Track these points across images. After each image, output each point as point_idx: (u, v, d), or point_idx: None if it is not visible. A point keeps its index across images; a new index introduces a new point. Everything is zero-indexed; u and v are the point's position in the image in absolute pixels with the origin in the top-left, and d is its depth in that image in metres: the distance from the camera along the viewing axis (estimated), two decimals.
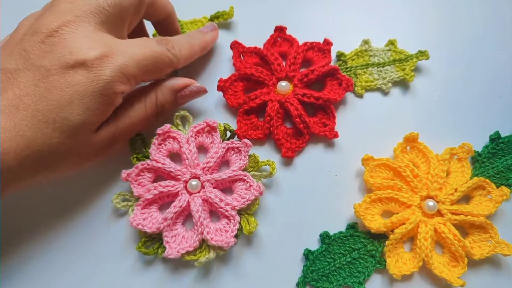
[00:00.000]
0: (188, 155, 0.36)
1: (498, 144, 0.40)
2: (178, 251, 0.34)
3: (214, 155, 0.37)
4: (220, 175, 0.36)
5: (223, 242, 0.33)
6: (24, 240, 0.37)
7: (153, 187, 0.35)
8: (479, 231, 0.36)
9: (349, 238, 0.37)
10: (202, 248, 0.35)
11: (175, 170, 0.36)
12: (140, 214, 0.35)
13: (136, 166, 0.36)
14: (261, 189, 0.35)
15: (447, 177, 0.38)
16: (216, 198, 0.35)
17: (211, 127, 0.38)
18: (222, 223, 0.36)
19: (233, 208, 0.35)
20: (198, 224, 0.34)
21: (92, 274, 0.36)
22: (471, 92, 0.42)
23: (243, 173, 0.36)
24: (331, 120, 0.39)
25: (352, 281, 0.35)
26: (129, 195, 0.37)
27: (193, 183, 0.36)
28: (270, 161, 0.37)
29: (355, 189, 0.39)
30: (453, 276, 0.34)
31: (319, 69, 0.40)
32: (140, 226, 0.34)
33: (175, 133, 0.37)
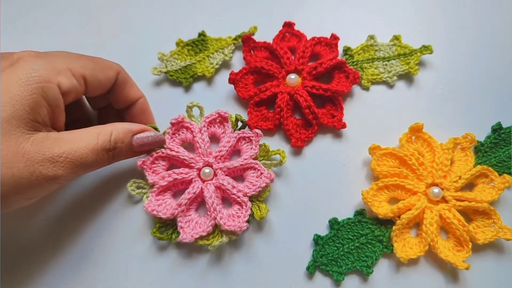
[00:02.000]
0: (201, 143, 0.37)
1: (500, 135, 0.41)
2: (192, 235, 0.35)
3: (226, 144, 0.38)
4: (232, 163, 0.37)
5: (236, 226, 0.35)
6: (42, 228, 0.38)
7: (168, 174, 0.37)
8: (482, 217, 0.38)
9: (357, 224, 0.38)
10: (214, 233, 0.36)
11: (189, 158, 0.37)
12: (154, 200, 0.36)
13: (150, 154, 0.37)
14: (272, 176, 0.37)
15: (451, 166, 0.39)
16: (229, 185, 0.36)
17: (223, 118, 0.39)
18: (234, 209, 0.37)
19: (245, 195, 0.36)
20: (211, 210, 0.35)
21: (108, 259, 0.37)
22: (474, 85, 0.43)
23: (254, 162, 0.37)
24: (339, 111, 0.41)
25: (360, 265, 0.37)
26: (143, 183, 0.38)
27: (206, 170, 0.37)
28: (280, 150, 0.38)
29: (362, 178, 0.40)
30: (458, 260, 0.36)
31: (327, 62, 0.41)
32: (155, 212, 0.35)
33: (188, 123, 0.38)
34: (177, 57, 0.43)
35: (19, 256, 0.37)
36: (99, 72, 0.34)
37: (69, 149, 0.30)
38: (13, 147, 0.28)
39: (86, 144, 0.31)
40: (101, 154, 0.32)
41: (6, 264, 0.37)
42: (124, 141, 0.34)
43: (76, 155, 0.30)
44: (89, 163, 0.31)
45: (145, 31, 0.46)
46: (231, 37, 0.44)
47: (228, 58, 0.44)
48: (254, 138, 0.38)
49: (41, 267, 0.37)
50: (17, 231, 0.38)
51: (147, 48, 0.44)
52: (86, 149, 0.31)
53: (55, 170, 0.29)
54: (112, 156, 0.33)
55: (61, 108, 0.32)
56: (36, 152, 0.29)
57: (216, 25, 0.46)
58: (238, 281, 0.37)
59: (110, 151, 0.33)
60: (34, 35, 0.46)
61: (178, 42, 0.44)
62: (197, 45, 0.44)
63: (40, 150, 0.29)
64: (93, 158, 0.31)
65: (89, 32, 0.46)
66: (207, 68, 0.43)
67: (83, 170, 0.32)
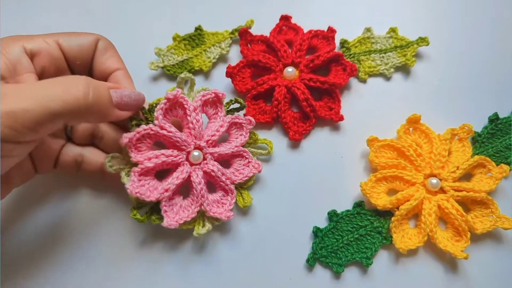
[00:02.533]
0: (195, 124, 0.35)
1: (497, 125, 0.41)
2: (177, 221, 0.33)
3: (219, 129, 0.36)
4: (223, 150, 0.36)
5: (223, 215, 0.34)
6: (42, 227, 0.38)
7: (155, 155, 0.33)
8: (480, 206, 0.38)
9: (356, 216, 0.38)
10: (197, 218, 0.35)
11: (182, 140, 0.34)
12: (137, 181, 0.33)
13: (137, 131, 0.33)
14: (260, 167, 0.37)
15: (449, 156, 0.39)
16: (219, 171, 0.35)
17: (218, 99, 0.36)
18: (218, 195, 0.36)
19: (232, 182, 0.36)
20: (199, 196, 0.34)
21: (102, 256, 0.37)
22: (470, 76, 0.43)
23: (243, 149, 0.37)
24: (336, 103, 0.41)
25: (360, 256, 0.37)
26: (120, 158, 0.34)
27: (195, 153, 0.35)
28: (267, 140, 0.38)
29: (360, 170, 0.40)
30: (457, 250, 0.36)
31: (324, 54, 0.41)
32: (139, 195, 0.33)
33: (183, 99, 0.34)
34: (174, 51, 0.43)
35: (18, 257, 0.37)
36: (75, 36, 0.33)
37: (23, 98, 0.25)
38: None
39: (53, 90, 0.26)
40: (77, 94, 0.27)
41: (6, 264, 0.37)
42: (101, 92, 0.29)
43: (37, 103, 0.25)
44: (58, 110, 0.26)
45: (142, 26, 0.46)
46: (227, 31, 0.44)
47: (225, 52, 0.43)
48: (245, 125, 0.37)
49: (41, 267, 0.37)
50: (17, 231, 0.38)
51: (143, 43, 0.44)
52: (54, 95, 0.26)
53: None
54: (88, 107, 0.27)
55: (23, 66, 0.30)
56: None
57: (213, 19, 0.45)
58: (238, 275, 0.37)
59: (87, 96, 0.27)
60: (29, 29, 0.46)
61: (175, 37, 0.44)
62: (194, 39, 0.44)
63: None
64: (66, 101, 0.26)
65: (85, 27, 0.45)
66: (204, 62, 0.43)
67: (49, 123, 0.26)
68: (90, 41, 0.34)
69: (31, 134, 0.25)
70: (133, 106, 0.32)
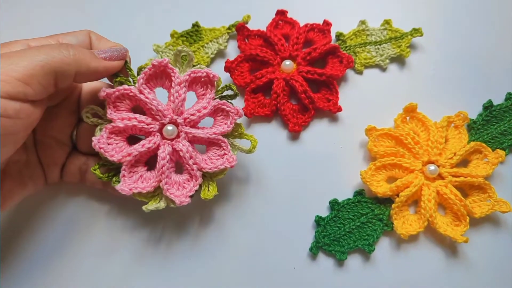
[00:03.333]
0: (176, 98, 0.33)
1: (491, 112, 0.42)
2: (131, 189, 0.32)
3: (201, 110, 0.34)
4: (200, 133, 0.34)
5: (178, 198, 0.33)
6: (42, 227, 0.38)
7: (128, 117, 0.33)
8: (478, 191, 0.39)
9: (357, 204, 0.39)
10: (155, 193, 0.34)
11: (157, 109, 0.33)
12: (106, 138, 0.33)
13: (118, 89, 0.33)
14: (234, 161, 0.34)
15: (446, 143, 0.40)
16: (187, 153, 0.33)
17: (210, 80, 0.35)
18: (182, 177, 0.35)
19: (199, 169, 0.34)
20: (159, 172, 0.33)
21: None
22: (464, 65, 0.44)
23: (222, 139, 0.35)
24: (334, 95, 0.42)
25: (362, 243, 0.37)
26: (102, 113, 0.34)
27: (169, 128, 0.34)
28: (252, 137, 0.36)
29: (359, 159, 0.41)
30: (456, 234, 0.36)
31: (321, 47, 0.42)
32: (102, 151, 0.32)
33: (171, 70, 0.33)
34: (172, 48, 0.44)
35: (19, 257, 0.37)
36: (72, 35, 0.34)
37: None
38: None
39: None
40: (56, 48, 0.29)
41: (6, 264, 0.37)
42: (82, 49, 0.31)
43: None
44: (43, 61, 0.27)
45: (139, 24, 0.46)
46: (224, 27, 0.45)
47: (223, 47, 0.44)
48: (232, 115, 0.35)
49: (41, 267, 0.37)
50: (17, 232, 0.38)
51: (141, 40, 0.45)
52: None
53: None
54: (71, 58, 0.29)
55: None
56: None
57: (210, 15, 0.46)
58: (241, 265, 0.37)
59: (65, 47, 0.29)
60: (26, 28, 0.46)
61: (173, 34, 0.44)
62: (192, 35, 0.44)
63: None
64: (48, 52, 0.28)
65: (83, 26, 0.46)
66: (202, 58, 0.43)
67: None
68: (84, 35, 0.35)
69: (24, 87, 0.26)
70: (117, 55, 0.33)
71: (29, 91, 0.27)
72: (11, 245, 0.37)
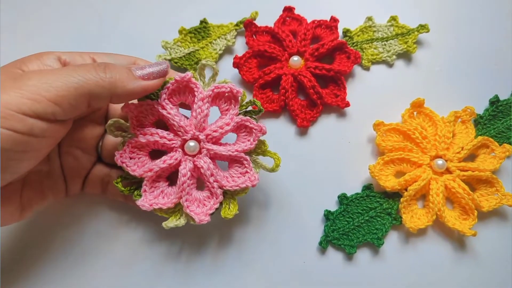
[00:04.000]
0: (198, 114, 0.33)
1: (497, 107, 0.42)
2: (151, 204, 0.32)
3: (224, 127, 0.34)
4: (222, 151, 0.33)
5: (197, 216, 0.32)
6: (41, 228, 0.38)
7: (150, 132, 0.33)
8: (486, 185, 0.39)
9: (366, 198, 0.39)
10: (175, 209, 0.34)
11: (179, 125, 0.33)
12: (128, 152, 0.33)
13: (141, 103, 0.33)
14: (256, 180, 0.33)
15: (453, 138, 0.40)
16: (208, 171, 0.33)
17: (233, 95, 0.34)
18: (203, 194, 0.34)
19: (220, 187, 0.33)
20: (180, 188, 0.33)
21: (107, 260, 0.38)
22: (470, 60, 0.45)
23: (244, 157, 0.34)
24: (342, 90, 0.42)
25: (371, 237, 0.37)
26: (125, 126, 0.33)
27: (191, 144, 0.33)
28: (276, 155, 0.35)
29: (367, 154, 0.41)
30: (465, 227, 0.37)
31: (329, 43, 0.42)
32: (124, 165, 0.33)
33: (194, 85, 0.33)
34: (180, 44, 0.44)
35: (19, 258, 0.37)
36: (111, 56, 0.34)
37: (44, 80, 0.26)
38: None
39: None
40: (91, 70, 0.28)
41: (7, 264, 0.37)
42: (119, 68, 0.29)
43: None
44: (78, 83, 0.26)
45: (148, 20, 0.46)
46: (232, 23, 0.45)
47: (231, 43, 0.44)
48: (255, 132, 0.34)
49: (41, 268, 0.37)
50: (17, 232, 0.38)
51: (149, 36, 0.45)
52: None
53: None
54: (107, 81, 0.28)
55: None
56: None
57: (217, 12, 0.46)
58: (252, 259, 0.37)
59: (101, 69, 0.28)
60: (34, 26, 0.47)
61: (181, 30, 0.44)
62: (200, 32, 0.45)
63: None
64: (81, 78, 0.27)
65: (92, 22, 0.46)
66: (210, 54, 0.44)
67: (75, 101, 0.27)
68: (123, 60, 0.34)
69: (55, 109, 0.26)
70: (157, 72, 0.31)
71: (59, 112, 0.26)
72: (29, 255, 0.37)
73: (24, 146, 0.26)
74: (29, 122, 0.25)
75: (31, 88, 0.25)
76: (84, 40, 0.46)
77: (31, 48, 0.39)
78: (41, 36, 0.46)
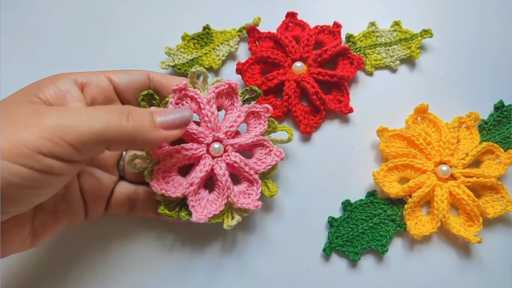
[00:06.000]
0: (210, 117, 0.34)
1: (502, 112, 0.42)
2: (206, 215, 0.33)
3: (237, 119, 0.36)
4: (243, 140, 0.36)
5: (251, 205, 0.34)
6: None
7: (175, 150, 0.34)
8: (491, 192, 0.39)
9: (370, 205, 0.39)
10: (224, 211, 0.35)
11: (198, 132, 0.34)
12: (161, 178, 0.34)
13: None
14: (282, 154, 0.36)
15: (458, 144, 0.40)
16: (241, 162, 0.35)
17: (232, 89, 0.36)
18: (243, 186, 0.36)
19: (256, 172, 0.35)
20: (224, 188, 0.34)
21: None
22: (475, 65, 0.44)
23: (263, 138, 0.36)
24: (345, 96, 0.42)
25: (375, 244, 0.37)
26: (144, 156, 0.34)
27: (215, 146, 0.35)
28: (286, 127, 0.38)
29: (371, 160, 0.41)
30: (470, 234, 0.36)
31: (332, 49, 0.42)
32: (164, 191, 0.33)
33: (193, 93, 0.34)
34: (183, 50, 0.44)
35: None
36: (125, 72, 0.34)
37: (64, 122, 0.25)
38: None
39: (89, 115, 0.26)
40: (112, 120, 0.26)
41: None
42: (143, 116, 0.28)
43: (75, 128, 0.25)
44: (101, 132, 0.26)
45: (150, 27, 0.47)
46: (235, 29, 0.45)
47: (234, 49, 0.44)
48: (263, 114, 0.36)
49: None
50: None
51: (153, 43, 0.45)
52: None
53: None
54: (129, 130, 0.27)
55: (72, 95, 0.31)
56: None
57: (220, 18, 0.46)
58: (255, 266, 0.37)
59: (125, 116, 0.27)
60: (39, 32, 0.47)
61: (184, 36, 0.44)
62: (202, 38, 0.45)
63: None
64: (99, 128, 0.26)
65: (95, 29, 0.47)
66: (213, 60, 0.44)
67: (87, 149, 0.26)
68: (140, 75, 0.35)
69: (73, 153, 0.25)
70: (179, 124, 0.31)
71: (77, 155, 0.26)
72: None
73: (40, 182, 0.25)
74: (47, 162, 0.24)
75: (52, 129, 0.24)
76: (87, 46, 0.46)
77: (33, 49, 0.40)
78: (44, 44, 0.46)
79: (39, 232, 0.30)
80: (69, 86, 0.30)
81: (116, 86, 0.34)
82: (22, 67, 0.45)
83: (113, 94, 0.34)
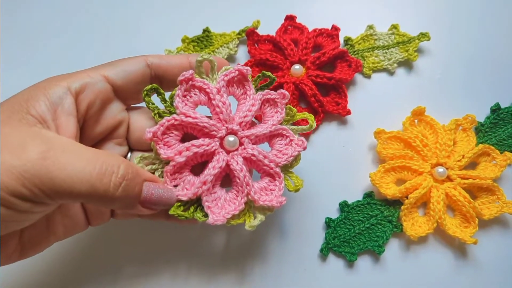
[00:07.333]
0: (222, 108, 0.31)
1: (498, 115, 0.42)
2: (223, 216, 0.30)
3: (251, 108, 0.32)
4: (260, 130, 0.32)
5: (274, 201, 0.31)
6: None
7: (185, 147, 0.30)
8: (487, 193, 0.39)
9: (367, 206, 0.39)
10: (245, 210, 0.31)
11: (210, 125, 0.30)
12: (170, 181, 0.30)
13: (161, 123, 0.30)
14: (304, 144, 0.32)
15: (454, 146, 0.41)
16: (260, 155, 0.31)
17: (244, 76, 0.32)
18: (264, 181, 0.32)
19: (276, 165, 0.32)
20: (243, 185, 0.30)
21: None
22: (472, 68, 0.45)
23: (282, 127, 0.33)
24: (343, 98, 0.42)
25: (372, 245, 0.38)
26: (152, 157, 0.31)
27: (230, 139, 0.31)
28: (306, 114, 0.34)
29: (368, 162, 0.42)
30: (466, 235, 0.37)
31: (330, 51, 0.42)
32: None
33: (202, 83, 0.31)
34: (183, 53, 0.45)
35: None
36: (120, 64, 0.31)
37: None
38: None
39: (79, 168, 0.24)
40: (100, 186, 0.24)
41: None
42: (134, 185, 0.27)
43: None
44: (82, 193, 0.24)
45: (150, 29, 0.47)
46: (235, 32, 0.46)
47: (233, 52, 0.45)
48: (279, 100, 0.33)
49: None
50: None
51: (153, 45, 0.46)
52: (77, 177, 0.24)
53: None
54: (113, 199, 0.25)
55: (64, 108, 0.27)
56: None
57: (220, 21, 0.47)
58: (252, 266, 0.38)
59: (117, 185, 0.25)
60: (39, 34, 0.47)
61: (184, 39, 0.45)
62: (202, 41, 0.45)
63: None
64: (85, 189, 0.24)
65: (94, 32, 0.47)
66: None
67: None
68: (139, 63, 0.31)
69: (51, 201, 0.24)
70: (160, 205, 0.29)
71: (54, 203, 0.25)
72: None
73: (25, 216, 0.24)
74: (22, 205, 0.23)
75: (32, 179, 0.22)
76: (88, 49, 0.46)
77: (33, 49, 0.40)
78: (44, 46, 0.47)
79: (28, 247, 0.28)
80: (61, 97, 0.27)
81: (114, 84, 0.30)
82: (22, 67, 0.46)
83: (111, 95, 0.31)
